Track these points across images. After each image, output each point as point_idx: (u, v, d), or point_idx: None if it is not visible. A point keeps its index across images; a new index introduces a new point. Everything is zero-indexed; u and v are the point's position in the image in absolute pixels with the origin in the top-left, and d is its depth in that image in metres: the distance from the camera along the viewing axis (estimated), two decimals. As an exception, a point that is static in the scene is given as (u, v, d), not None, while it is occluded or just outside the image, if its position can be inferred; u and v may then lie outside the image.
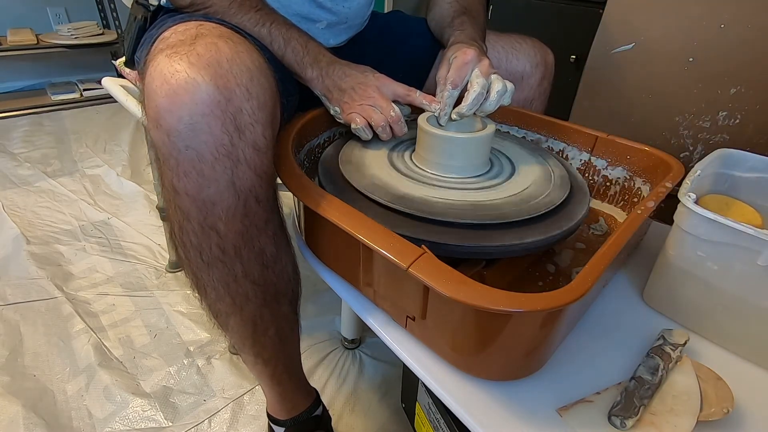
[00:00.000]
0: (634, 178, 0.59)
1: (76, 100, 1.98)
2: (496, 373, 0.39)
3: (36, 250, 1.09)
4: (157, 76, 0.36)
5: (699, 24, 0.78)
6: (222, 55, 0.37)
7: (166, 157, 0.37)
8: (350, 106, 0.54)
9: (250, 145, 0.38)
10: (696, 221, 0.41)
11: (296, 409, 0.62)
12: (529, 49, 0.69)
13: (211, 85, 0.36)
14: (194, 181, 0.37)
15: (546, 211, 0.46)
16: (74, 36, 1.92)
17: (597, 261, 0.35)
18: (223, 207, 0.39)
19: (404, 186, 0.49)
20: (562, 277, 0.52)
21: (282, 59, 0.54)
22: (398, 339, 0.43)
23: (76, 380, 0.79)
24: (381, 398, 0.79)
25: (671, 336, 0.43)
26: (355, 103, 0.54)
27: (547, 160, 0.56)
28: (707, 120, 0.83)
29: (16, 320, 0.90)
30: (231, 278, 0.43)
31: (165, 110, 0.35)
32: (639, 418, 0.36)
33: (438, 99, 0.53)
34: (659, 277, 0.48)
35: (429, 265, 0.34)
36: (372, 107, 0.54)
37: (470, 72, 0.52)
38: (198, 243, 0.41)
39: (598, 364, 0.42)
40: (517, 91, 0.71)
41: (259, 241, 0.43)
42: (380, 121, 0.54)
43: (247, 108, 0.38)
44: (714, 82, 0.80)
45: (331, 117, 0.58)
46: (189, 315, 0.93)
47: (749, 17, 0.73)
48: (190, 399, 0.77)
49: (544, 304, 0.31)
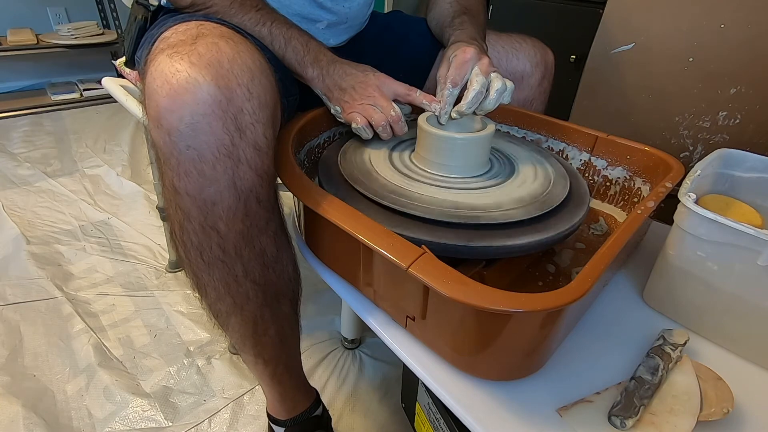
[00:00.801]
0: (634, 178, 0.59)
1: (76, 100, 1.98)
2: (496, 373, 0.39)
3: (36, 250, 1.09)
4: (158, 76, 0.36)
5: (699, 24, 0.78)
6: (223, 54, 0.37)
7: (167, 156, 0.37)
8: (351, 106, 0.54)
9: (251, 145, 0.38)
10: (696, 221, 0.41)
11: (296, 409, 0.62)
12: (530, 49, 0.69)
13: (212, 85, 0.36)
14: (195, 180, 0.37)
15: (546, 211, 0.46)
16: (74, 36, 1.92)
17: (597, 261, 0.35)
18: (223, 207, 0.39)
19: (404, 186, 0.49)
20: (562, 277, 0.52)
21: (283, 59, 0.54)
22: (398, 339, 0.43)
23: (76, 380, 0.79)
24: (381, 398, 0.79)
25: (671, 336, 0.43)
26: (356, 103, 0.54)
27: (547, 160, 0.56)
28: (707, 120, 0.83)
29: (16, 320, 0.90)
30: (231, 278, 0.43)
31: (166, 110, 0.35)
32: (639, 418, 0.36)
33: (438, 98, 0.53)
34: (659, 277, 0.48)
35: (429, 265, 0.34)
36: (372, 107, 0.54)
37: (470, 70, 0.52)
38: (199, 243, 0.41)
39: (598, 364, 0.42)
40: (517, 91, 0.70)
41: (260, 241, 0.43)
42: (381, 120, 0.54)
43: (248, 108, 0.38)
44: (714, 82, 0.80)
45: (332, 117, 0.58)
46: (189, 315, 0.93)
47: (749, 17, 0.73)
48: (190, 399, 0.77)
49: (544, 304, 0.31)
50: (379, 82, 0.54)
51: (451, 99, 0.52)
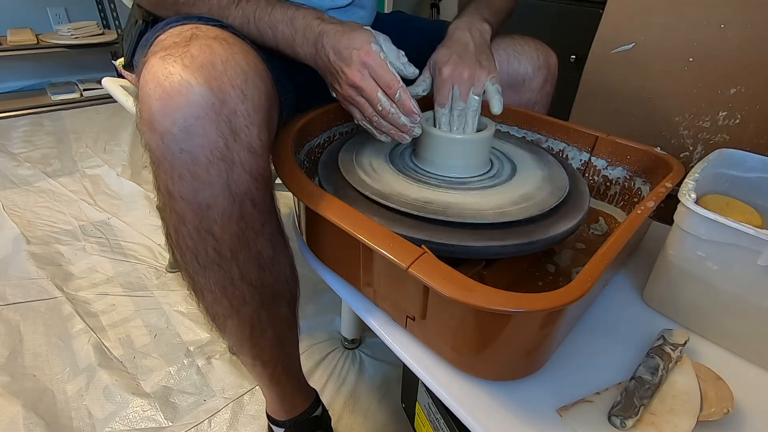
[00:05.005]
0: (634, 178, 0.59)
1: (76, 100, 1.98)
2: (496, 373, 0.39)
3: (36, 250, 1.09)
4: (151, 79, 0.36)
5: (699, 24, 0.78)
6: (216, 56, 0.37)
7: (160, 160, 0.37)
8: (340, 95, 0.51)
9: (245, 148, 0.38)
10: (696, 221, 0.41)
11: (296, 409, 0.62)
12: (532, 52, 0.68)
13: (205, 88, 0.35)
14: (189, 184, 0.37)
15: (546, 211, 0.46)
16: (74, 36, 1.92)
17: (597, 261, 0.35)
18: (218, 210, 0.39)
19: (404, 186, 0.49)
20: (562, 277, 0.52)
21: (278, 50, 0.51)
22: (398, 339, 0.43)
23: (76, 380, 0.79)
24: (381, 398, 0.79)
25: (671, 336, 0.43)
26: (344, 91, 0.49)
27: (547, 160, 0.56)
28: (707, 120, 0.83)
29: (16, 320, 0.90)
30: (228, 281, 0.43)
31: (159, 113, 0.35)
32: (639, 418, 0.36)
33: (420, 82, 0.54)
34: (659, 277, 0.48)
35: (429, 265, 0.34)
36: (359, 97, 0.49)
37: (451, 89, 0.52)
38: (194, 246, 0.40)
39: (598, 364, 0.42)
40: (519, 94, 0.70)
41: (256, 244, 0.43)
42: (372, 115, 0.49)
43: (242, 110, 0.37)
44: (714, 82, 0.80)
45: (332, 117, 0.58)
46: (189, 315, 0.93)
47: (749, 17, 0.73)
48: (190, 399, 0.77)
49: (544, 304, 0.31)
50: (360, 65, 0.46)
51: (444, 118, 0.53)
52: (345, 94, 0.49)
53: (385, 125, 0.50)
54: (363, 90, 0.47)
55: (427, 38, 0.73)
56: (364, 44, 0.46)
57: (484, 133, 0.51)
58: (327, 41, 0.48)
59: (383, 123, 0.50)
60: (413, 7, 2.16)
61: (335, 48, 0.47)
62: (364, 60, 0.46)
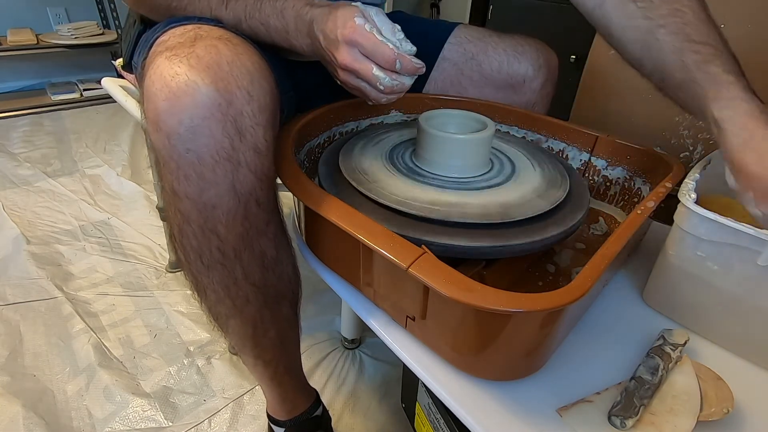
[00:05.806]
0: (634, 179, 0.59)
1: (76, 100, 1.98)
2: (496, 373, 0.39)
3: (36, 250, 1.09)
4: (157, 79, 0.36)
5: (699, 24, 0.78)
6: (222, 57, 0.37)
7: (166, 160, 0.37)
8: (342, 82, 0.50)
9: (250, 148, 0.38)
10: (696, 221, 0.41)
11: (296, 409, 0.62)
12: (533, 52, 0.68)
13: (212, 88, 0.35)
14: (194, 184, 0.37)
15: (546, 211, 0.46)
16: (74, 36, 1.92)
17: (597, 261, 0.35)
18: (223, 210, 0.39)
19: (404, 186, 0.49)
20: (562, 277, 0.52)
21: (274, 46, 0.51)
22: (398, 339, 0.43)
23: (76, 380, 0.79)
24: (381, 398, 0.79)
25: (671, 336, 0.43)
26: (342, 78, 0.48)
27: (547, 161, 0.56)
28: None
29: (16, 320, 0.90)
30: (231, 281, 0.43)
31: (165, 113, 0.35)
32: (639, 418, 0.36)
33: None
34: (659, 277, 0.48)
35: (429, 265, 0.34)
36: (361, 82, 0.48)
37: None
38: (198, 246, 0.40)
39: (598, 364, 0.42)
40: (519, 95, 0.70)
41: (260, 244, 0.43)
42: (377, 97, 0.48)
43: (248, 111, 0.38)
44: (714, 82, 0.80)
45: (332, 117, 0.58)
46: (189, 315, 0.93)
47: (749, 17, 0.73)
48: (190, 399, 0.77)
49: (544, 304, 0.31)
50: (348, 45, 0.44)
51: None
52: (344, 80, 0.48)
53: (396, 97, 0.49)
54: (358, 72, 0.46)
55: (427, 38, 0.73)
56: (347, 21, 0.44)
57: (484, 133, 0.51)
58: (317, 27, 0.46)
59: (394, 97, 0.49)
60: (413, 7, 2.17)
61: (324, 33, 0.45)
62: (350, 38, 0.44)
